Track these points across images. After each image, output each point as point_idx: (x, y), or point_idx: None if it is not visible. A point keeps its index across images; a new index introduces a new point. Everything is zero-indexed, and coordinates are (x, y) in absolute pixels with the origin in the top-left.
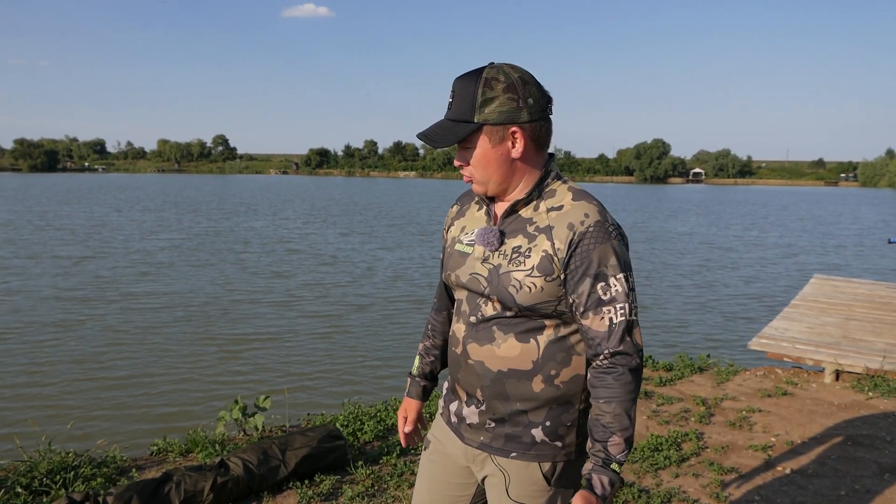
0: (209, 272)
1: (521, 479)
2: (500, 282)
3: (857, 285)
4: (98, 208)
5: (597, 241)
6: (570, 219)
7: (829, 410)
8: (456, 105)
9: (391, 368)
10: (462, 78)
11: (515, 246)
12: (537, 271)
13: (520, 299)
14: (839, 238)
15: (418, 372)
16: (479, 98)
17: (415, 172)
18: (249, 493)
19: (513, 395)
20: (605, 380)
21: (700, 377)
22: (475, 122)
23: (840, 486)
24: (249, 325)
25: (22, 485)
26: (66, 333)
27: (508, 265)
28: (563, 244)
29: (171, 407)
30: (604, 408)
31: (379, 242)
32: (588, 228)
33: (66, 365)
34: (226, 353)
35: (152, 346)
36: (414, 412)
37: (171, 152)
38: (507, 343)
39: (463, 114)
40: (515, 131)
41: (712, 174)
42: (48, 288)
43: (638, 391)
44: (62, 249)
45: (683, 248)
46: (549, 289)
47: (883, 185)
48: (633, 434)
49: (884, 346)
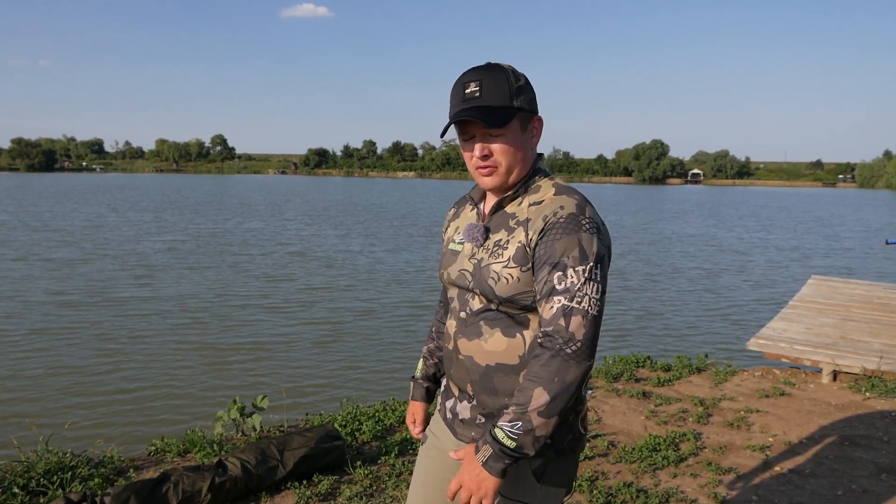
0: (207, 273)
1: (511, 476)
2: (481, 275)
3: (854, 286)
4: (95, 209)
5: (563, 232)
6: (545, 211)
7: (826, 411)
8: (488, 92)
9: (389, 369)
10: (482, 69)
11: (497, 240)
12: (513, 262)
13: (498, 290)
14: (844, 240)
15: (421, 374)
16: (514, 86)
17: (413, 173)
18: (247, 494)
19: (501, 390)
20: (532, 364)
21: (698, 378)
22: (515, 106)
23: (837, 486)
24: (248, 325)
25: (19, 485)
26: (64, 334)
27: (489, 258)
28: (535, 234)
29: (168, 407)
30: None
31: (381, 244)
32: (559, 220)
33: (63, 365)
34: (224, 353)
35: (150, 347)
36: (421, 414)
37: (169, 152)
38: (494, 338)
39: (502, 100)
40: (538, 121)
41: (711, 175)
42: (44, 289)
43: (557, 377)
44: (57, 251)
45: (688, 251)
46: (524, 279)
47: (880, 186)
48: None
49: (881, 347)
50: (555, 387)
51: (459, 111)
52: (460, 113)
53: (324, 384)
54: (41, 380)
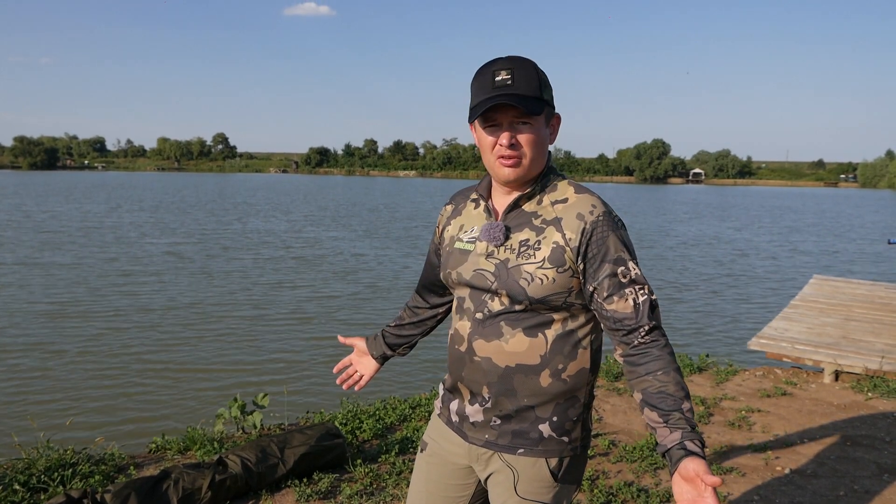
0: (210, 272)
1: (529, 476)
2: (509, 275)
3: (856, 286)
4: (99, 206)
5: (610, 229)
6: (578, 209)
7: (828, 411)
8: (520, 81)
9: (390, 368)
10: (512, 59)
11: (523, 240)
12: (549, 263)
13: (531, 292)
14: (852, 241)
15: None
16: (542, 78)
17: (415, 172)
18: (248, 491)
19: (521, 391)
20: (651, 353)
21: (699, 377)
22: (544, 98)
23: (839, 486)
24: (249, 323)
25: (20, 482)
26: (65, 330)
27: (517, 259)
28: (574, 234)
29: (169, 405)
30: (663, 378)
31: (383, 243)
32: (598, 218)
33: (64, 362)
34: (225, 351)
35: (151, 344)
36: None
37: (170, 150)
38: (516, 338)
39: (533, 90)
40: (557, 118)
41: (712, 174)
42: (45, 284)
43: (674, 359)
44: (60, 248)
45: (690, 252)
46: (560, 280)
47: (883, 185)
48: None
49: (883, 347)
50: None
51: (494, 97)
52: (496, 98)
53: (324, 382)
54: (42, 377)
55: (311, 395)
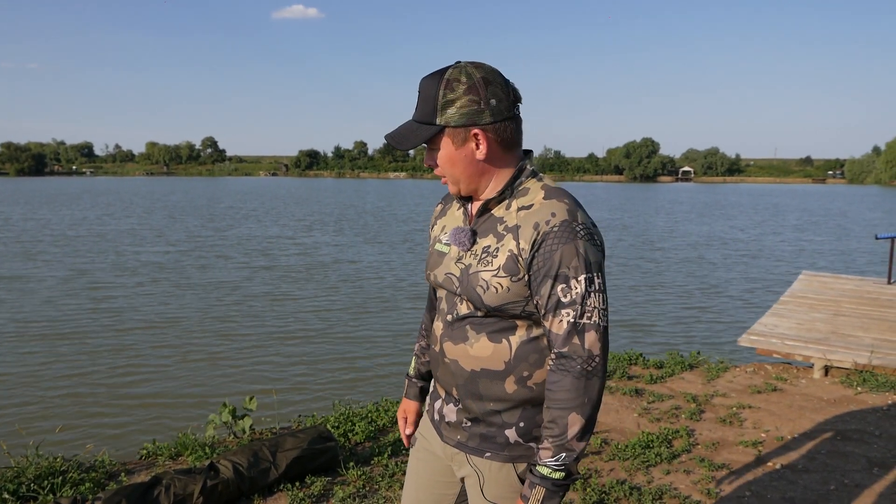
0: (200, 278)
1: (496, 480)
2: (469, 282)
3: (844, 281)
4: (93, 212)
5: (560, 242)
6: (536, 218)
7: (818, 406)
8: (420, 106)
9: (382, 369)
10: (426, 78)
11: (485, 246)
12: (503, 271)
13: (487, 300)
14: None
15: (415, 372)
16: (440, 100)
17: (405, 173)
18: (240, 496)
19: (486, 395)
20: (549, 381)
21: (690, 374)
22: (437, 124)
23: (829, 480)
24: (239, 327)
25: (9, 491)
26: (53, 339)
27: (477, 265)
28: (527, 244)
29: (160, 410)
30: (544, 413)
31: (378, 246)
32: (553, 228)
33: (53, 370)
34: (215, 356)
35: (141, 350)
36: (413, 413)
37: (159, 155)
38: (480, 343)
39: (426, 115)
40: (477, 133)
41: (701, 172)
42: (40, 290)
43: (586, 398)
44: (51, 255)
45: (685, 252)
46: (515, 289)
47: (869, 181)
48: (568, 442)
49: (872, 342)
50: (587, 409)
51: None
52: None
53: (316, 385)
54: (30, 385)
55: (304, 398)
